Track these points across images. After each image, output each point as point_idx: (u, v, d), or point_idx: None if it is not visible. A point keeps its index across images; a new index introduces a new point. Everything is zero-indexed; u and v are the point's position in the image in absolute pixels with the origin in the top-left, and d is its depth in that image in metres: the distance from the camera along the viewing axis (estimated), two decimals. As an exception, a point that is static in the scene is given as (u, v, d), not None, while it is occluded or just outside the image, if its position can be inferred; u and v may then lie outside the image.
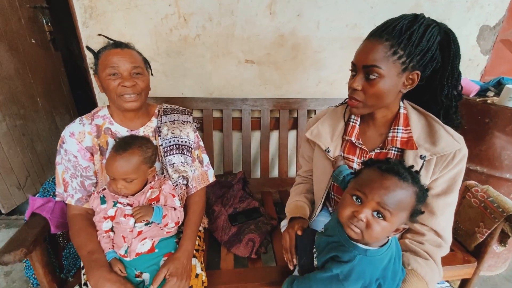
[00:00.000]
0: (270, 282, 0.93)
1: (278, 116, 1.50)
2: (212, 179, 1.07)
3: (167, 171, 0.93)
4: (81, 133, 0.87)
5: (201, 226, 1.12)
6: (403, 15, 0.69)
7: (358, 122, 0.84)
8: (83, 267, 0.85)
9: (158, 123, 0.96)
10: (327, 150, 0.85)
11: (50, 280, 0.83)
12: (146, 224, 0.83)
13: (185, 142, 0.98)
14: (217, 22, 1.34)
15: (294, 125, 1.54)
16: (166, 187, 0.88)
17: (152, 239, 0.83)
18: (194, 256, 0.88)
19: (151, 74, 0.94)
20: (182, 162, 0.95)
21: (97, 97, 1.45)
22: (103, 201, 0.84)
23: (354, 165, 0.85)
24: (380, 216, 0.55)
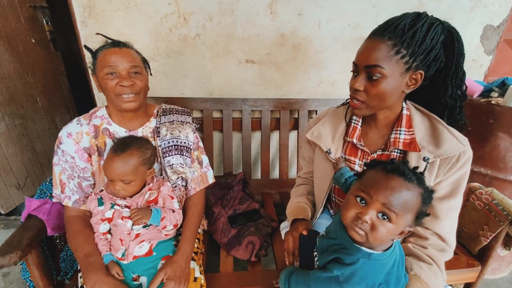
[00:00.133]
0: (270, 286, 0.91)
1: (279, 117, 1.49)
2: (212, 181, 1.05)
3: (166, 172, 0.92)
4: (79, 134, 0.86)
5: (200, 228, 1.10)
6: (406, 14, 0.67)
7: (360, 123, 0.83)
8: (80, 270, 0.84)
9: (157, 124, 0.94)
10: (328, 152, 0.84)
11: (47, 283, 0.82)
12: (144, 227, 0.81)
13: (184, 143, 0.96)
14: (217, 22, 1.33)
15: (295, 126, 1.52)
16: (165, 189, 0.87)
17: (150, 242, 0.82)
18: (193, 259, 0.87)
19: (150, 74, 0.93)
20: (181, 163, 0.94)
21: (96, 97, 1.44)
22: (101, 203, 0.82)
23: (356, 167, 0.83)
24: (386, 218, 0.53)
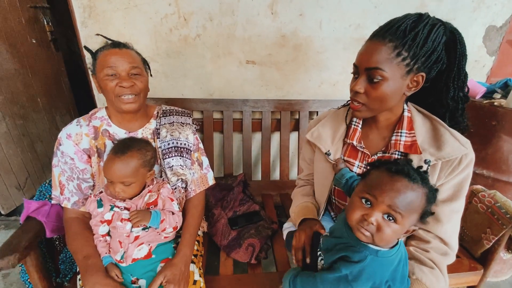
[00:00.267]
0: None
1: (280, 118, 1.48)
2: (212, 182, 1.05)
3: (166, 174, 0.91)
4: (78, 135, 0.86)
5: (200, 230, 1.10)
6: (407, 15, 0.66)
7: (360, 125, 0.82)
8: (79, 272, 0.83)
9: (157, 125, 0.94)
10: (327, 153, 0.83)
11: (46, 285, 0.82)
12: (144, 229, 0.81)
13: (184, 145, 0.96)
14: (218, 22, 1.32)
15: (296, 127, 1.51)
16: (165, 191, 0.86)
17: (149, 245, 0.81)
18: (193, 262, 0.86)
19: (150, 75, 0.92)
20: (181, 165, 0.94)
21: (96, 98, 1.44)
22: (100, 205, 0.82)
23: (355, 169, 0.82)
24: (391, 219, 0.53)
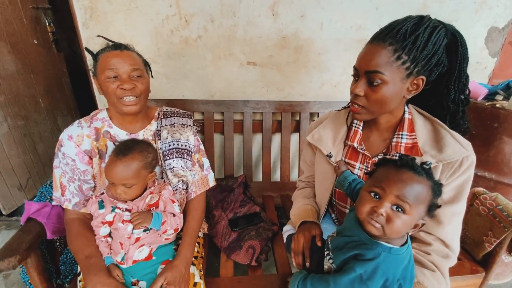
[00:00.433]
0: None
1: (280, 119, 1.48)
2: (213, 183, 1.05)
3: (167, 176, 0.91)
4: (80, 136, 0.86)
5: (201, 232, 1.10)
6: (408, 17, 0.66)
7: (361, 127, 0.82)
8: (80, 273, 0.83)
9: (158, 127, 0.94)
10: (329, 155, 0.83)
11: (46, 287, 0.82)
12: (145, 231, 0.81)
13: (185, 146, 0.96)
14: (219, 23, 1.32)
15: (297, 128, 1.51)
16: (166, 193, 0.86)
17: (150, 246, 0.81)
18: (193, 264, 0.86)
19: (151, 76, 0.92)
20: (182, 166, 0.94)
21: (98, 99, 1.44)
22: (101, 206, 0.82)
23: (356, 171, 0.82)
24: (400, 210, 0.55)
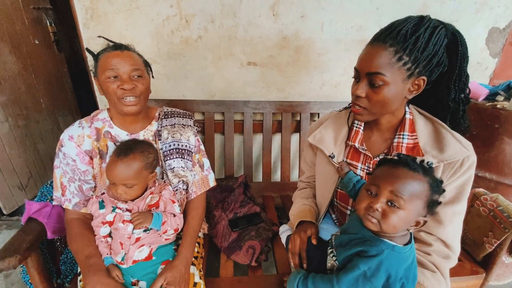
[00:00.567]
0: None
1: (281, 119, 1.48)
2: (213, 184, 1.05)
3: (167, 176, 0.91)
4: (80, 136, 0.86)
5: (201, 232, 1.10)
6: (408, 18, 0.66)
7: (362, 127, 0.82)
8: (80, 273, 0.84)
9: (158, 127, 0.94)
10: (331, 156, 0.83)
11: (46, 286, 0.82)
12: (145, 231, 0.81)
13: (186, 146, 0.96)
14: (219, 24, 1.32)
15: (297, 129, 1.51)
16: (166, 193, 0.86)
17: (150, 246, 0.81)
18: (193, 264, 0.87)
19: (152, 77, 0.92)
20: (182, 167, 0.94)
21: (98, 99, 1.44)
22: (102, 206, 0.82)
23: (358, 172, 0.82)
24: (395, 205, 0.56)
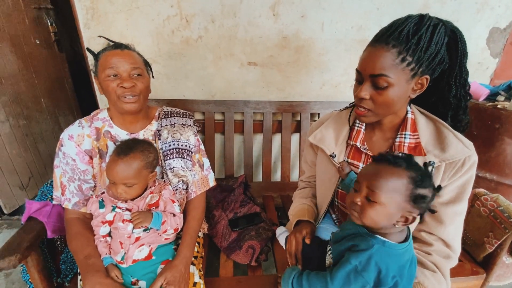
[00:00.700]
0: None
1: (281, 119, 1.48)
2: (213, 184, 1.05)
3: (167, 175, 0.91)
4: (80, 136, 0.86)
5: (201, 232, 1.10)
6: (408, 17, 0.66)
7: (364, 127, 0.82)
8: (80, 273, 0.84)
9: (158, 126, 0.94)
10: (332, 156, 0.83)
11: (46, 286, 0.82)
12: (145, 230, 0.81)
13: (185, 146, 0.96)
14: (220, 24, 1.32)
15: (297, 129, 1.51)
16: (166, 193, 0.86)
17: (150, 246, 0.81)
18: (193, 264, 0.87)
19: (152, 77, 0.92)
20: (182, 167, 0.94)
21: (99, 99, 1.45)
22: (102, 205, 0.82)
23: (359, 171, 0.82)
24: (372, 200, 0.58)
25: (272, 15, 1.33)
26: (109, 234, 0.83)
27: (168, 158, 0.92)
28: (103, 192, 0.84)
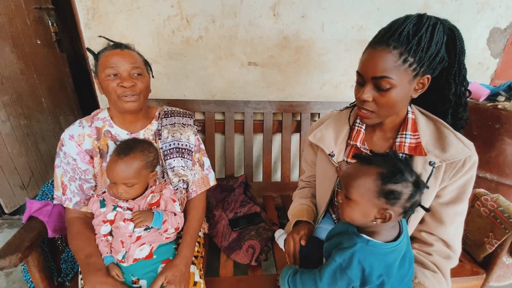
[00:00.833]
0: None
1: (281, 119, 1.48)
2: (213, 183, 1.05)
3: (167, 175, 0.92)
4: (81, 136, 0.86)
5: (201, 231, 1.10)
6: (407, 17, 0.66)
7: (364, 127, 0.82)
8: (81, 272, 0.84)
9: (159, 126, 0.94)
10: (331, 155, 0.83)
11: (47, 285, 0.82)
12: (146, 229, 0.81)
13: (186, 146, 0.96)
14: (220, 24, 1.32)
15: (297, 129, 1.51)
16: (167, 192, 0.86)
17: (151, 245, 0.82)
18: (193, 263, 0.87)
19: (152, 76, 0.93)
20: (182, 166, 0.94)
21: (99, 99, 1.45)
22: (103, 205, 0.83)
23: (359, 171, 0.82)
24: (348, 197, 0.61)
25: (273, 15, 1.33)
26: (110, 233, 0.83)
27: (169, 158, 0.92)
28: (104, 192, 0.85)
